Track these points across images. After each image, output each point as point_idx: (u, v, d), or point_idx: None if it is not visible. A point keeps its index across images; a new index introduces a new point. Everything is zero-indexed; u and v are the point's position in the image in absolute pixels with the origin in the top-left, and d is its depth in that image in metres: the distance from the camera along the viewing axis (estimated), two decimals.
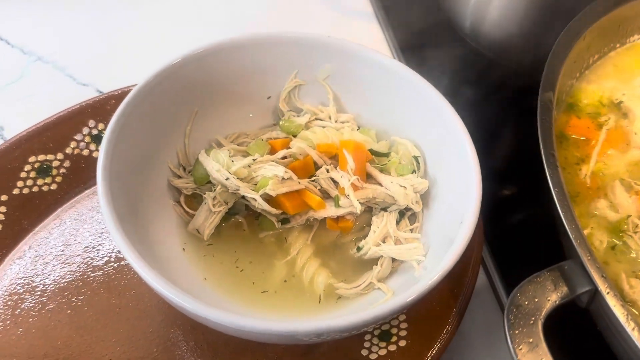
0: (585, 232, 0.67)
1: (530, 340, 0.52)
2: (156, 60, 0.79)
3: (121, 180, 0.64)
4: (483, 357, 0.74)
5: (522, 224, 0.85)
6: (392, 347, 0.68)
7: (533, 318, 0.54)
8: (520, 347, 0.52)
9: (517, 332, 0.53)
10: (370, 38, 1.12)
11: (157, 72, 0.71)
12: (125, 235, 0.58)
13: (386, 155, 0.76)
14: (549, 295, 0.56)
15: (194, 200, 0.74)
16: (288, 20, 1.15)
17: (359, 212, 0.70)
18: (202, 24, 1.12)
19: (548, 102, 0.68)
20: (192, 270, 0.70)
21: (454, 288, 0.71)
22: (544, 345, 0.52)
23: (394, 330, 0.70)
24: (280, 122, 0.80)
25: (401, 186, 0.71)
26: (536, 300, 0.55)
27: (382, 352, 0.68)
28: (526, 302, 0.55)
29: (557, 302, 0.56)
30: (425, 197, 0.73)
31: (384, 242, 0.70)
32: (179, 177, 0.75)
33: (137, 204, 0.67)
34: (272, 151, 0.76)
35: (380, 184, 0.73)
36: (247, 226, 0.74)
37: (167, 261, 0.67)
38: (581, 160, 0.77)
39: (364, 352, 0.69)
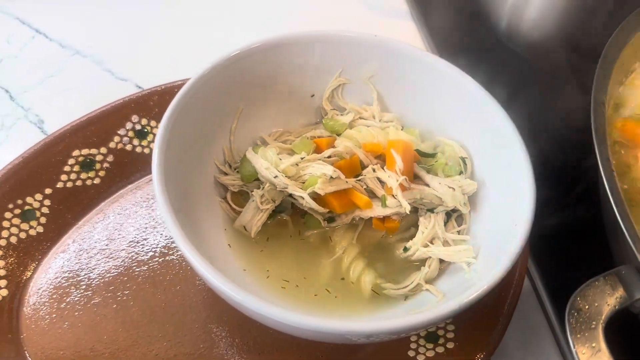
0: None
1: (593, 345, 0.52)
2: (194, 57, 0.79)
3: (173, 174, 0.64)
4: (524, 357, 0.74)
5: (566, 229, 0.85)
6: (440, 349, 0.68)
7: (594, 322, 0.53)
8: (583, 352, 0.52)
9: (579, 336, 0.52)
10: (406, 38, 1.12)
11: (208, 68, 0.71)
12: (181, 228, 0.58)
13: (433, 155, 0.75)
14: (608, 299, 0.56)
15: (241, 197, 0.75)
16: (323, 20, 1.14)
17: (407, 212, 0.70)
18: (238, 23, 1.12)
19: (601, 106, 0.68)
20: (237, 266, 0.70)
21: (501, 291, 0.71)
22: (606, 350, 0.52)
23: (441, 332, 0.70)
24: (324, 121, 0.80)
25: (449, 187, 0.71)
26: (596, 304, 0.55)
27: (430, 353, 0.68)
28: (586, 307, 0.54)
29: (617, 307, 0.55)
30: (472, 199, 0.73)
31: (432, 243, 0.70)
32: (225, 174, 0.75)
33: (188, 199, 0.67)
34: (318, 150, 0.75)
35: (427, 185, 0.72)
36: (293, 225, 0.74)
37: (215, 257, 0.67)
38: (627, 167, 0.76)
39: (411, 354, 0.69)
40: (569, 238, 0.82)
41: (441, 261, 0.70)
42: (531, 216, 0.62)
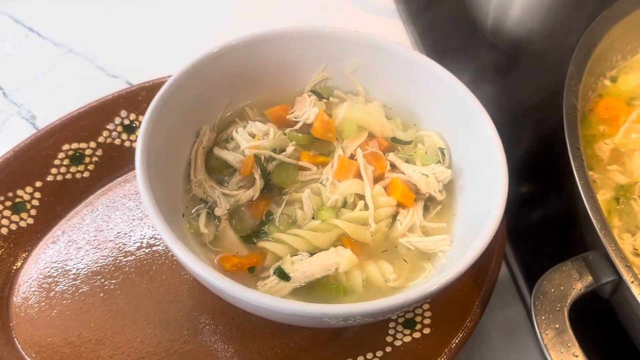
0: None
1: (557, 325, 0.54)
2: (184, 54, 0.81)
3: (157, 166, 0.66)
4: (503, 344, 0.76)
5: (542, 216, 0.86)
6: (417, 335, 0.70)
7: (559, 305, 0.55)
8: (546, 332, 0.53)
9: (543, 317, 0.54)
10: (392, 35, 1.13)
11: (191, 64, 0.73)
12: (164, 219, 0.60)
13: (408, 143, 0.77)
14: (574, 283, 0.58)
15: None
16: (310, 16, 1.16)
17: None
18: (228, 18, 1.14)
19: (573, 96, 0.70)
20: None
21: (477, 279, 0.73)
22: (569, 331, 0.54)
23: (418, 319, 0.72)
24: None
25: (423, 174, 0.73)
26: (562, 288, 0.57)
27: (407, 339, 0.70)
28: (552, 290, 0.56)
29: (582, 290, 0.57)
30: (450, 189, 0.75)
31: (411, 232, 0.71)
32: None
33: (171, 189, 0.69)
34: None
35: (402, 173, 0.74)
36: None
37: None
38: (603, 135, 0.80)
39: (389, 339, 0.70)
40: (546, 227, 0.84)
41: None
42: (503, 204, 0.64)
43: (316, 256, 0.68)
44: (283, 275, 0.66)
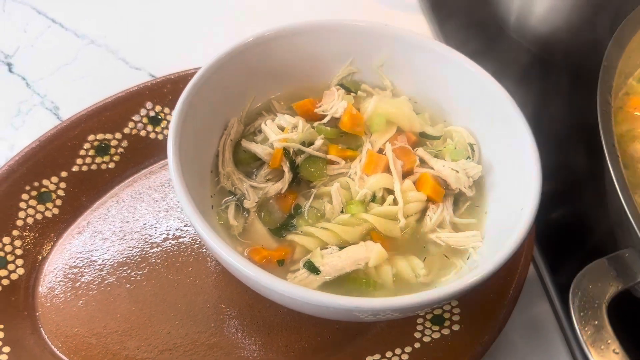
0: None
1: (596, 322, 0.53)
2: (207, 47, 0.81)
3: (187, 158, 0.66)
4: (530, 342, 0.75)
5: (569, 215, 0.86)
6: (446, 331, 0.70)
7: (597, 302, 0.55)
8: (586, 329, 0.53)
9: (582, 314, 0.54)
10: (415, 30, 1.13)
11: (220, 56, 0.73)
12: (197, 209, 0.60)
13: (437, 138, 0.77)
14: (611, 281, 0.57)
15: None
16: (333, 11, 1.16)
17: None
18: (249, 12, 1.14)
19: (607, 93, 0.69)
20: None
21: (507, 276, 0.72)
22: (609, 328, 0.53)
23: (447, 315, 0.71)
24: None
25: (453, 169, 0.72)
26: (599, 285, 0.56)
27: (436, 335, 0.69)
28: (590, 287, 0.56)
29: (619, 287, 0.57)
30: (480, 185, 0.74)
31: (441, 228, 0.71)
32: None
33: (202, 179, 0.69)
34: None
35: (432, 168, 0.74)
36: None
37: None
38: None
39: (417, 335, 0.70)
40: (573, 226, 0.83)
41: None
42: (538, 199, 0.63)
43: (346, 250, 0.67)
44: (313, 269, 0.65)
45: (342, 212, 0.71)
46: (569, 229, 0.84)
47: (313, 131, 0.74)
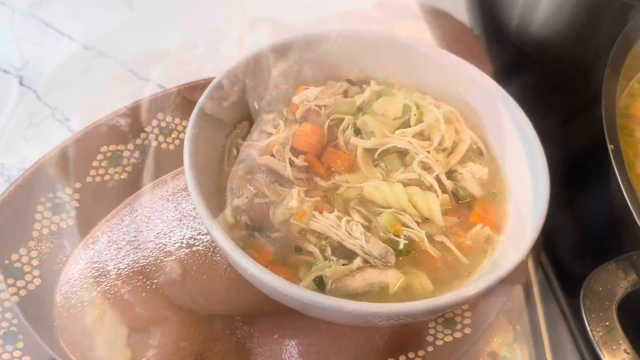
0: None
1: (607, 323, 0.55)
2: (215, 58, 0.82)
3: (200, 166, 0.67)
4: (538, 344, 0.76)
5: (575, 218, 0.87)
6: (458, 335, 0.71)
7: (607, 303, 0.56)
8: (597, 330, 0.54)
9: (593, 315, 0.55)
10: (417, 37, 1.14)
11: (232, 68, 0.74)
12: (213, 216, 0.61)
13: None
14: (620, 282, 0.58)
15: None
16: (334, 19, 1.17)
17: None
18: (253, 22, 1.15)
19: (612, 96, 0.70)
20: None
21: (514, 280, 0.74)
22: (619, 329, 0.54)
23: (458, 319, 0.72)
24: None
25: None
26: (609, 287, 0.58)
27: (448, 338, 0.71)
28: (600, 289, 0.57)
29: (628, 289, 0.58)
30: (487, 188, 0.75)
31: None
32: None
33: (219, 187, 0.71)
34: None
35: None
36: None
37: None
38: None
39: (430, 339, 0.71)
40: (579, 228, 0.84)
41: None
42: (546, 205, 0.64)
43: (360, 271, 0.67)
44: (321, 285, 0.65)
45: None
46: (575, 230, 0.85)
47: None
